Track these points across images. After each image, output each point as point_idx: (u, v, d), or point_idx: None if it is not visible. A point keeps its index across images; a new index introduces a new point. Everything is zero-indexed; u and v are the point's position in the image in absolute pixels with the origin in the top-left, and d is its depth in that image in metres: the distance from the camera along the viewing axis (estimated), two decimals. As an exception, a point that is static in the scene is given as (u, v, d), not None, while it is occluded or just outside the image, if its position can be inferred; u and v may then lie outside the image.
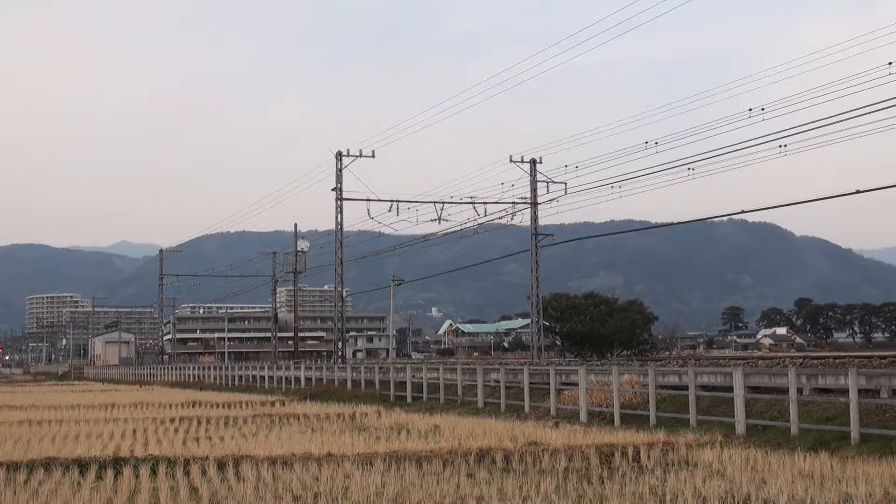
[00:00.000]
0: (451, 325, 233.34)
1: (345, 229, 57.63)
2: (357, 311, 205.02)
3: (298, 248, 76.06)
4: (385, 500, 12.66)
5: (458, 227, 54.70)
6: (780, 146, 33.81)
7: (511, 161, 52.10)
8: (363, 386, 43.85)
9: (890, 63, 29.42)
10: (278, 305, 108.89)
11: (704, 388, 24.59)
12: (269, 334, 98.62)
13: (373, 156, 57.00)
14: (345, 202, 56.22)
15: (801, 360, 29.89)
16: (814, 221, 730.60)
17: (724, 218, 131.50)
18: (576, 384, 28.21)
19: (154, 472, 15.27)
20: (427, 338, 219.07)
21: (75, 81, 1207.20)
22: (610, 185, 43.90)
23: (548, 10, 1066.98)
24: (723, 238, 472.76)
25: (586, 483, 13.97)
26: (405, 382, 38.86)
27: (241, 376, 62.84)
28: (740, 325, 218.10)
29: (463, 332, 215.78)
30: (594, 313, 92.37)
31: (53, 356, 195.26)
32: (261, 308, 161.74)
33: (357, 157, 56.70)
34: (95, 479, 14.75)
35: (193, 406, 35.19)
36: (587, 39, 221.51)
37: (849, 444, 18.56)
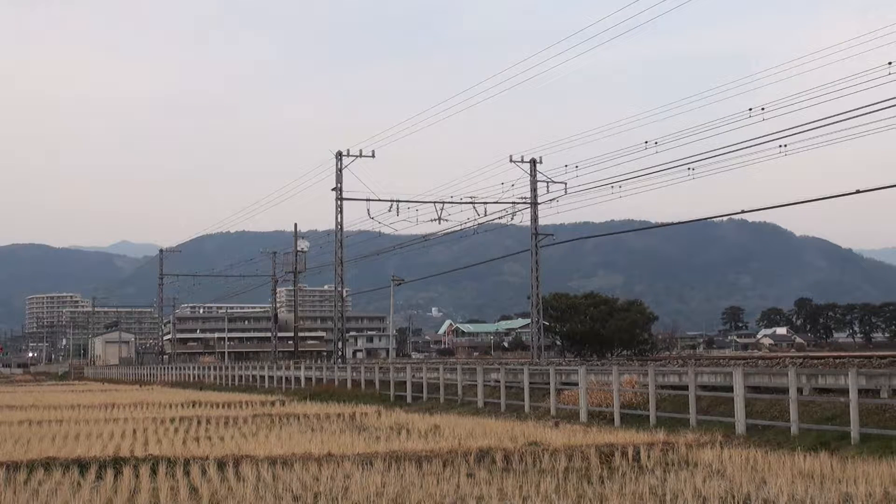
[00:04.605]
0: (451, 325, 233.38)
1: (345, 229, 57.67)
2: (357, 311, 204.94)
3: (298, 248, 76.07)
4: (385, 500, 12.65)
5: (458, 227, 54.76)
6: (780, 146, 33.82)
7: (511, 161, 52.08)
8: (363, 386, 43.84)
9: (890, 63, 29.43)
10: (278, 305, 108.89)
11: (704, 388, 24.58)
12: (269, 334, 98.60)
13: (373, 156, 57.04)
14: (345, 202, 56.25)
15: (801, 360, 29.90)
16: (814, 221, 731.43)
17: (724, 218, 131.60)
18: (576, 384, 28.21)
19: (154, 472, 15.26)
20: (427, 338, 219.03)
21: (75, 81, 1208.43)
22: (610, 185, 43.92)
23: (548, 10, 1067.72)
24: (723, 238, 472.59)
25: (586, 483, 13.97)
26: (405, 382, 38.85)
27: (241, 376, 62.84)
28: (740, 325, 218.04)
29: (463, 332, 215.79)
30: (594, 313, 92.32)
31: (53, 356, 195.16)
32: (261, 308, 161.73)
33: (357, 157, 56.73)
34: (95, 479, 14.74)
35: (193, 406, 35.17)
36: (587, 39, 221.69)
37: (849, 444, 18.55)
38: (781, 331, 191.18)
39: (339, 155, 56.52)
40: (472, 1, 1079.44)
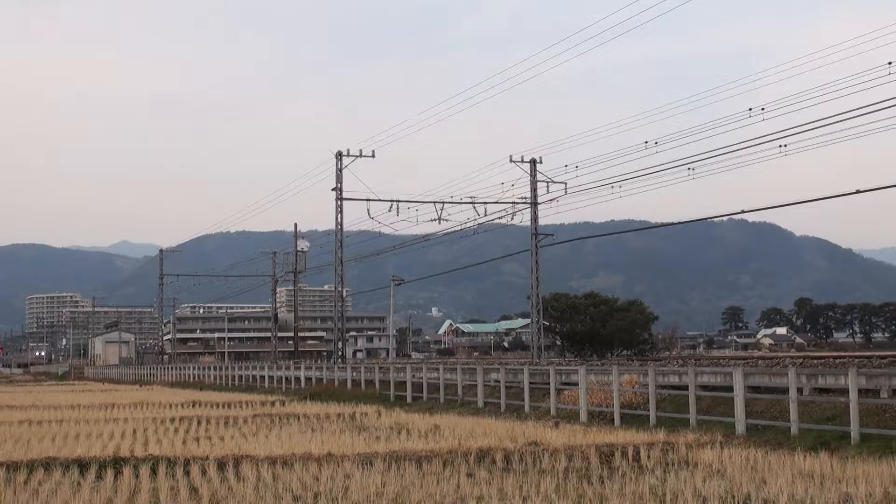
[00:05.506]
0: (451, 325, 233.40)
1: (345, 229, 57.68)
2: (357, 311, 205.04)
3: (298, 248, 76.07)
4: (385, 500, 12.66)
5: (458, 227, 54.70)
6: (780, 146, 33.78)
7: (511, 161, 52.05)
8: (363, 386, 43.85)
9: (890, 63, 29.42)
10: (278, 305, 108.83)
11: (704, 388, 24.58)
12: (269, 334, 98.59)
13: (373, 156, 57.05)
14: (345, 202, 56.26)
15: (801, 360, 29.88)
16: (814, 221, 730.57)
17: (724, 218, 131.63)
18: (576, 384, 28.21)
19: (154, 472, 15.25)
20: (427, 338, 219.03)
21: (75, 81, 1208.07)
22: (610, 185, 43.84)
23: (548, 10, 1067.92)
24: (723, 238, 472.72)
25: (586, 483, 13.96)
26: (405, 382, 38.86)
27: (241, 376, 62.85)
28: (740, 325, 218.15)
29: (463, 332, 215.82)
30: (594, 313, 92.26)
31: (53, 356, 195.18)
32: (261, 308, 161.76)
33: (357, 157, 56.73)
34: (95, 479, 14.74)
35: (193, 406, 35.17)
36: (587, 39, 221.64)
37: (849, 444, 18.55)
38: (781, 331, 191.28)
39: (339, 155, 56.53)
40: (472, 1, 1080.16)
